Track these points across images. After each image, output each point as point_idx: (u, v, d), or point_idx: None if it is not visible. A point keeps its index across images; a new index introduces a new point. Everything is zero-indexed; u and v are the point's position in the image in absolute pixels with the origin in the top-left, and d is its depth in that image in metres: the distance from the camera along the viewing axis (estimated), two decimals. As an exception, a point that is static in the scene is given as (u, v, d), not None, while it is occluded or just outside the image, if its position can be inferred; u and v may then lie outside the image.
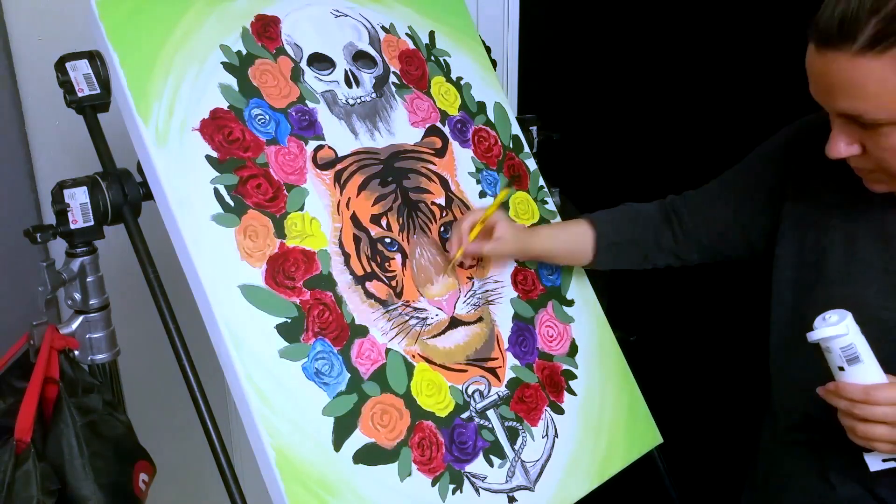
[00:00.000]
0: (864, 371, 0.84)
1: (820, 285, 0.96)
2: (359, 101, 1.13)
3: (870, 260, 0.93)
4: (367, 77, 1.16)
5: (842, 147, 0.85)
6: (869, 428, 0.84)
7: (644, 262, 1.18)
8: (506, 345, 1.14)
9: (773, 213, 1.03)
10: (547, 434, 1.13)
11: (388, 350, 1.03)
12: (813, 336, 0.86)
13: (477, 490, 1.04)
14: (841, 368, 0.85)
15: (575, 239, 1.18)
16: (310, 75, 1.10)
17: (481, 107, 1.27)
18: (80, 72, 0.98)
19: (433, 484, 1.01)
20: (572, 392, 1.18)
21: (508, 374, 1.12)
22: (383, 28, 1.20)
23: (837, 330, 0.84)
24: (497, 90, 1.30)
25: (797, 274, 1.00)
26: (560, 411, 1.15)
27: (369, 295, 1.04)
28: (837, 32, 0.77)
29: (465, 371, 1.09)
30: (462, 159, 1.21)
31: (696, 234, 1.12)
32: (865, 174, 0.89)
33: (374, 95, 1.15)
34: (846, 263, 0.94)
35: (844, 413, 0.85)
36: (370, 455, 0.97)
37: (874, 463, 0.89)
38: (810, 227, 0.98)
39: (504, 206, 1.17)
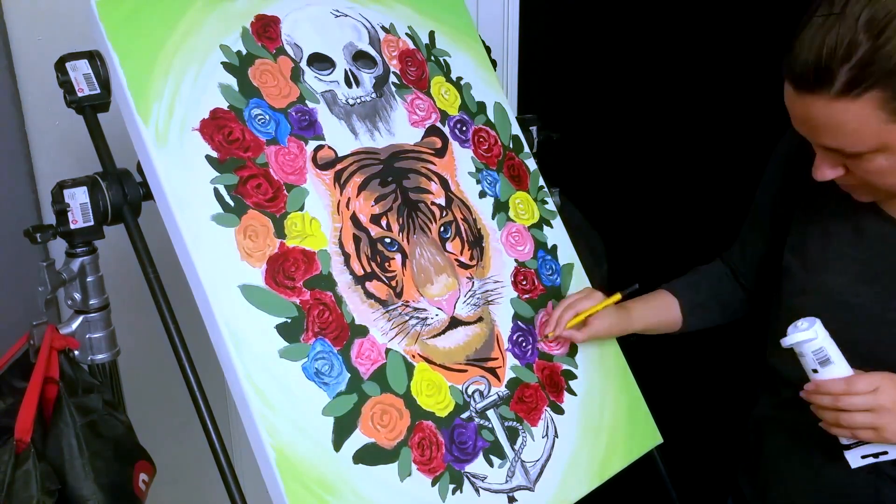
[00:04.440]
0: (836, 371, 0.91)
1: (800, 273, 1.03)
2: (359, 101, 1.13)
3: (843, 251, 0.99)
4: (367, 77, 1.16)
5: (827, 171, 0.90)
6: (852, 417, 0.89)
7: (732, 315, 1.23)
8: (506, 345, 1.14)
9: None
10: (547, 434, 1.13)
11: (387, 350, 1.03)
12: (786, 342, 0.92)
13: (477, 490, 1.04)
14: (815, 371, 0.92)
15: (664, 310, 1.22)
16: (310, 75, 1.10)
17: (481, 107, 1.27)
18: (80, 72, 0.98)
19: (433, 484, 1.01)
20: (572, 392, 1.18)
21: (508, 374, 1.12)
22: (383, 28, 1.20)
23: (808, 335, 0.91)
24: (497, 90, 1.30)
25: (785, 264, 1.07)
26: (560, 411, 1.15)
27: (369, 295, 1.04)
28: (813, 79, 0.81)
29: (465, 371, 1.09)
30: (462, 159, 1.21)
31: (753, 276, 1.18)
32: (851, 189, 0.94)
33: (374, 95, 1.15)
34: (822, 254, 1.01)
35: (827, 408, 0.91)
36: (370, 455, 0.97)
37: (854, 460, 0.96)
38: (796, 223, 1.06)
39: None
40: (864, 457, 0.94)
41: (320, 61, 1.12)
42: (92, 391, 1.00)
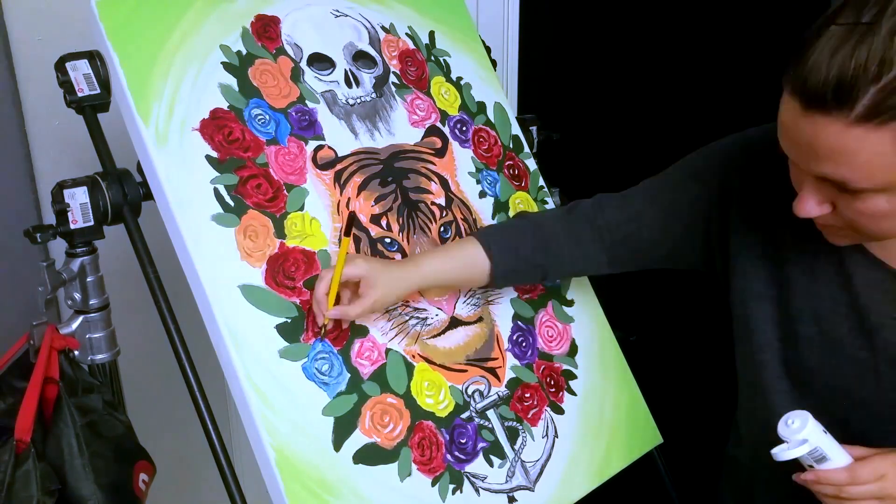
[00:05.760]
0: (833, 465, 0.84)
1: (786, 323, 0.92)
2: (359, 101, 1.13)
3: (835, 297, 0.88)
4: (367, 77, 1.16)
5: (813, 207, 0.78)
6: None
7: (545, 280, 1.14)
8: (506, 345, 1.14)
9: (698, 237, 0.99)
10: (547, 434, 1.13)
11: (387, 350, 1.03)
12: (779, 457, 0.84)
13: (477, 490, 1.04)
14: (810, 466, 0.85)
15: (467, 266, 1.06)
16: (310, 75, 1.10)
17: (481, 107, 1.27)
18: (80, 72, 0.98)
19: (433, 484, 1.01)
20: (572, 392, 1.18)
21: (508, 374, 1.12)
22: (383, 28, 1.20)
23: (801, 450, 0.83)
24: (497, 90, 1.30)
25: (757, 309, 0.95)
26: (560, 411, 1.15)
27: (369, 295, 1.04)
28: (833, 97, 0.69)
29: (465, 371, 1.09)
30: (462, 159, 1.21)
31: (623, 245, 1.05)
32: (830, 230, 0.83)
33: (373, 95, 1.15)
34: (811, 300, 0.90)
35: (829, 497, 0.84)
36: (370, 455, 0.97)
37: None
38: (765, 259, 0.93)
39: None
40: None
41: (320, 61, 1.12)
42: (92, 391, 1.00)
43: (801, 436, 0.83)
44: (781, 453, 0.84)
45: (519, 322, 1.17)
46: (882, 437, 0.87)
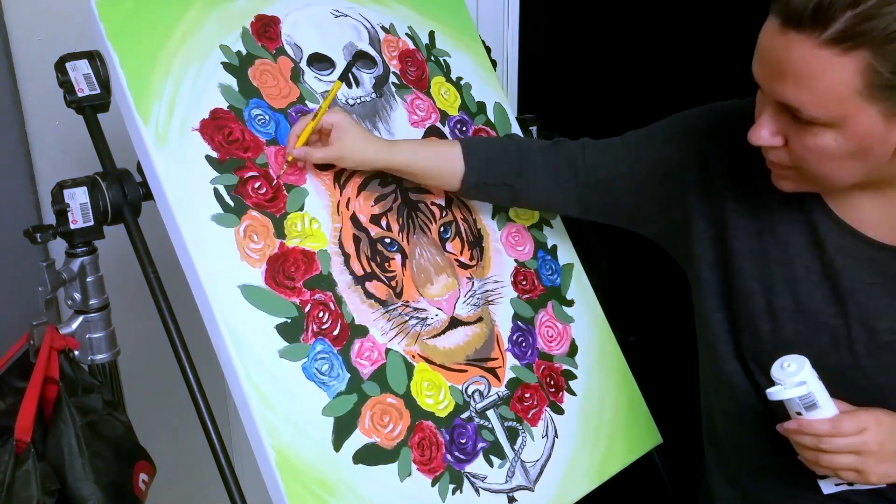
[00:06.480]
0: (821, 414, 0.83)
1: (759, 294, 0.92)
2: (359, 101, 1.13)
3: (809, 265, 0.90)
4: (367, 77, 1.16)
5: (766, 135, 0.82)
6: (835, 458, 0.83)
7: (513, 204, 1.18)
8: (506, 345, 1.14)
9: (671, 199, 1.00)
10: (547, 434, 1.13)
11: (387, 350, 1.03)
12: (773, 397, 0.84)
13: (477, 490, 1.04)
14: (798, 413, 0.84)
15: (441, 163, 1.08)
16: (310, 75, 1.10)
17: (481, 107, 1.27)
18: (80, 72, 0.98)
19: (433, 484, 1.01)
20: (572, 392, 1.18)
21: (508, 375, 1.12)
22: (383, 28, 1.20)
23: (798, 391, 0.82)
24: (497, 90, 1.30)
25: (726, 279, 0.95)
26: (560, 411, 1.15)
27: (369, 295, 1.04)
28: (811, 15, 0.72)
29: (465, 371, 1.09)
30: (462, 159, 1.20)
31: (596, 189, 1.07)
32: (777, 169, 0.86)
33: (374, 95, 1.15)
34: (786, 270, 0.91)
35: (809, 447, 0.84)
36: (370, 455, 0.97)
37: (828, 487, 0.90)
38: (735, 230, 0.94)
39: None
40: (837, 484, 0.89)
41: (320, 61, 1.12)
42: (92, 391, 1.00)
43: (799, 378, 0.82)
44: (777, 393, 0.83)
45: (519, 322, 1.17)
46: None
